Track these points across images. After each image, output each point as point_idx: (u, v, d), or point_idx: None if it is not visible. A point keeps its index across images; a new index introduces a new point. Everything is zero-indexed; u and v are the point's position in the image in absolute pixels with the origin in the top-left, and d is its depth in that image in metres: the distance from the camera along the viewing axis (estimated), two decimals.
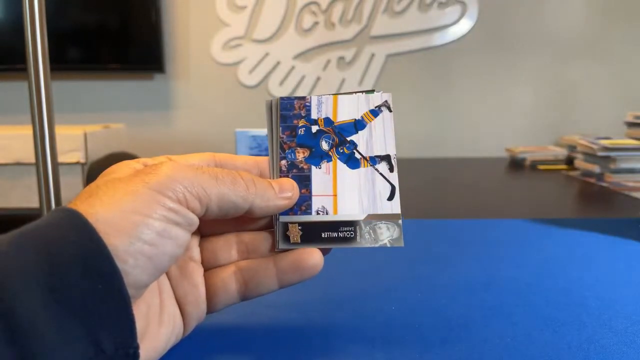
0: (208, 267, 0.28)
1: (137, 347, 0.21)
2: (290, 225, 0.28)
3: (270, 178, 0.29)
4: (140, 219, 0.21)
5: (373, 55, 1.97)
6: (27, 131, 0.78)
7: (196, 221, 0.24)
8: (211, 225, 0.28)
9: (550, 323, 0.30)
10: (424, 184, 1.09)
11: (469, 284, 0.36)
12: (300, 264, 0.27)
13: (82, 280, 0.19)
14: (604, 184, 1.07)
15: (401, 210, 0.28)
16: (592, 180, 1.12)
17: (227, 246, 0.28)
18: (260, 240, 0.28)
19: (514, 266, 0.40)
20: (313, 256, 0.27)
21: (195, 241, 0.28)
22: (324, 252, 0.27)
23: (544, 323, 0.30)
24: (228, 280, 0.27)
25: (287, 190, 0.27)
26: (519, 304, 0.33)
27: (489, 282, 0.37)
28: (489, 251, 0.44)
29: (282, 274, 0.27)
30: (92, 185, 0.24)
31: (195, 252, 0.28)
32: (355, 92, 0.30)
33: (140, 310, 0.23)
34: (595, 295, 0.34)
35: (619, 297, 0.34)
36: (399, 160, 0.29)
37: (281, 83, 1.98)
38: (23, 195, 1.56)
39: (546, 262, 0.41)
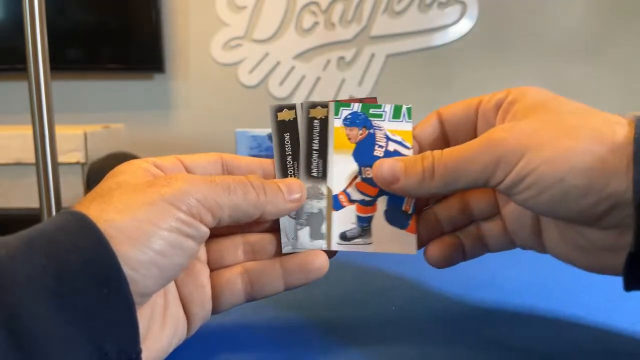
0: (214, 268, 0.28)
1: (139, 352, 0.21)
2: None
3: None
4: (153, 229, 0.21)
5: (373, 55, 1.96)
6: (27, 131, 0.78)
7: (207, 233, 0.24)
8: (218, 227, 0.28)
9: (550, 323, 0.30)
10: None
11: (468, 284, 0.36)
12: (306, 266, 0.27)
13: (88, 286, 0.19)
14: None
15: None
16: None
17: (233, 247, 0.28)
18: (266, 241, 0.28)
19: (514, 266, 0.40)
20: (319, 258, 0.27)
21: None
22: (329, 255, 0.28)
23: (545, 323, 0.30)
24: (234, 280, 0.27)
25: (295, 192, 0.27)
26: (519, 304, 0.33)
27: (488, 281, 0.37)
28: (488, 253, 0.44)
29: (288, 275, 0.27)
30: (104, 187, 0.24)
31: (202, 253, 0.28)
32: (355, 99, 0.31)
33: (144, 313, 0.23)
34: (595, 295, 0.34)
35: (619, 297, 0.34)
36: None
37: (281, 83, 1.98)
38: (23, 195, 1.56)
39: (546, 262, 0.41)
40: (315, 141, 0.30)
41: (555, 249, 0.27)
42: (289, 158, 0.29)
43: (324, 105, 0.30)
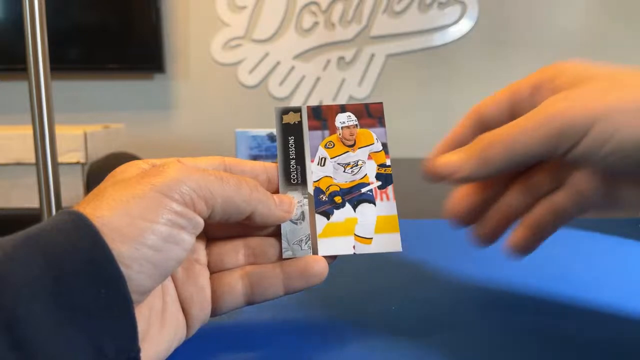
0: (214, 271, 0.28)
1: (138, 351, 0.21)
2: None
3: (278, 186, 0.29)
4: (146, 224, 0.21)
5: (373, 55, 1.96)
6: (27, 131, 0.78)
7: (202, 224, 0.24)
8: (218, 229, 0.28)
9: (551, 324, 0.30)
10: (424, 184, 1.09)
11: (468, 284, 0.36)
12: (306, 271, 0.27)
13: (86, 285, 0.19)
14: None
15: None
16: None
17: (234, 250, 0.28)
18: (267, 245, 0.28)
19: (514, 266, 0.40)
20: (318, 263, 0.27)
21: (202, 244, 0.28)
22: (330, 260, 0.28)
23: (545, 323, 0.30)
24: (234, 284, 0.27)
25: (285, 205, 0.28)
26: (519, 304, 0.33)
27: (488, 282, 0.37)
28: (488, 251, 0.44)
29: (288, 280, 0.27)
30: (101, 186, 0.24)
31: (202, 255, 0.28)
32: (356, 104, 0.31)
33: (142, 313, 0.23)
34: (595, 295, 0.34)
35: (619, 297, 0.34)
36: (399, 160, 0.29)
37: (281, 83, 1.98)
38: (23, 195, 1.56)
39: (546, 262, 0.41)
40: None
41: (637, 203, 0.26)
42: (293, 162, 0.29)
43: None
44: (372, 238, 0.28)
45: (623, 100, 0.23)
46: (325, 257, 0.28)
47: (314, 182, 0.29)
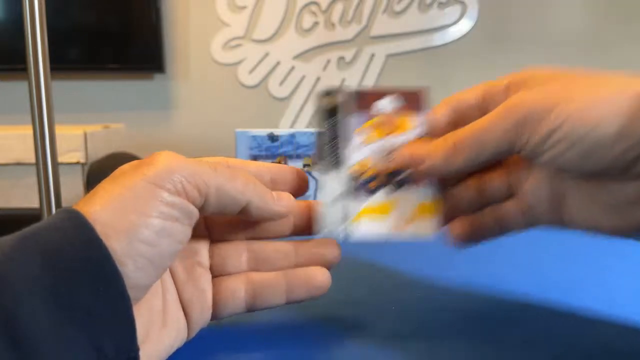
0: (216, 274, 0.28)
1: (137, 351, 0.21)
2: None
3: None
4: (138, 218, 0.21)
5: (373, 55, 1.96)
6: (27, 131, 0.78)
7: (196, 213, 0.23)
8: (221, 230, 0.28)
9: (550, 324, 0.30)
10: None
11: (469, 284, 0.36)
12: (309, 282, 0.27)
13: (84, 284, 0.19)
14: None
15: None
16: None
17: (237, 254, 0.28)
18: (270, 250, 0.28)
19: (514, 266, 0.40)
20: (322, 273, 0.27)
21: (205, 246, 0.28)
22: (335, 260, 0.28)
23: (545, 323, 0.30)
24: (237, 290, 0.27)
25: (283, 200, 0.27)
26: (519, 304, 0.33)
27: (488, 281, 0.37)
28: (489, 251, 0.44)
29: (291, 290, 0.27)
30: (99, 184, 0.23)
31: (204, 258, 0.27)
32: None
33: (142, 314, 0.23)
34: (594, 295, 0.34)
35: (618, 297, 0.34)
36: None
37: (281, 83, 1.98)
38: (23, 195, 1.56)
39: (545, 262, 0.41)
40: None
41: (579, 216, 0.27)
42: (326, 147, 0.29)
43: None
44: (408, 222, 0.29)
45: (579, 94, 0.24)
46: (330, 260, 0.28)
47: (352, 165, 0.29)
